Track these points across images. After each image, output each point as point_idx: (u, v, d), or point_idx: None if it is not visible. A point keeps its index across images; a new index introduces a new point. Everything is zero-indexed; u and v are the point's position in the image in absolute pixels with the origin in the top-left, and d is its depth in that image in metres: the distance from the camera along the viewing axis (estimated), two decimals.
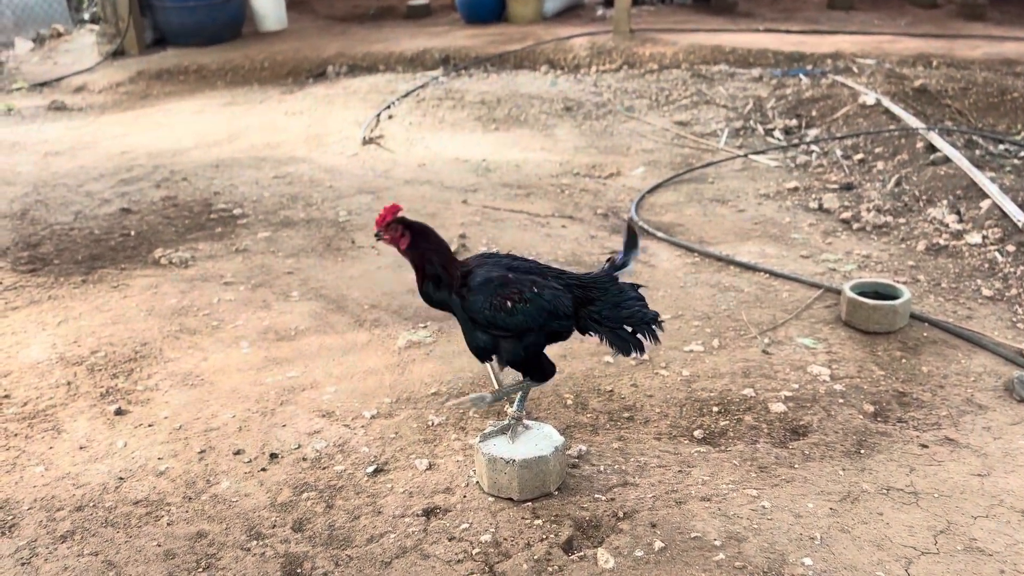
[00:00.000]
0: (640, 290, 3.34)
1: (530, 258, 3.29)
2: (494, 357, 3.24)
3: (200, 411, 3.91)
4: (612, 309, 3.19)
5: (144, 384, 4.14)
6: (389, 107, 9.02)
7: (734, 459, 3.50)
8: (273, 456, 3.58)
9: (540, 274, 3.16)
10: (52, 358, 4.35)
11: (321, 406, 3.94)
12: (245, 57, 11.29)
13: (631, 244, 3.30)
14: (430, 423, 3.78)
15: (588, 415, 3.82)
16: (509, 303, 3.03)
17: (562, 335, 3.23)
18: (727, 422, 3.76)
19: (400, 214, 3.14)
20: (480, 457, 3.31)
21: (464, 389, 4.02)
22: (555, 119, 8.64)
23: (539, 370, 3.27)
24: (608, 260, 3.33)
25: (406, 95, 9.40)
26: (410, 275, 3.33)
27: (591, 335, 3.26)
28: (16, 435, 3.75)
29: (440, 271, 3.11)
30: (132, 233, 5.99)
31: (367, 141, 8.02)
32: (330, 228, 6.08)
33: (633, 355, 3.24)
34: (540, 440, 3.34)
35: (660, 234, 5.84)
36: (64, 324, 4.70)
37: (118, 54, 11.72)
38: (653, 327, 3.26)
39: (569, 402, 3.92)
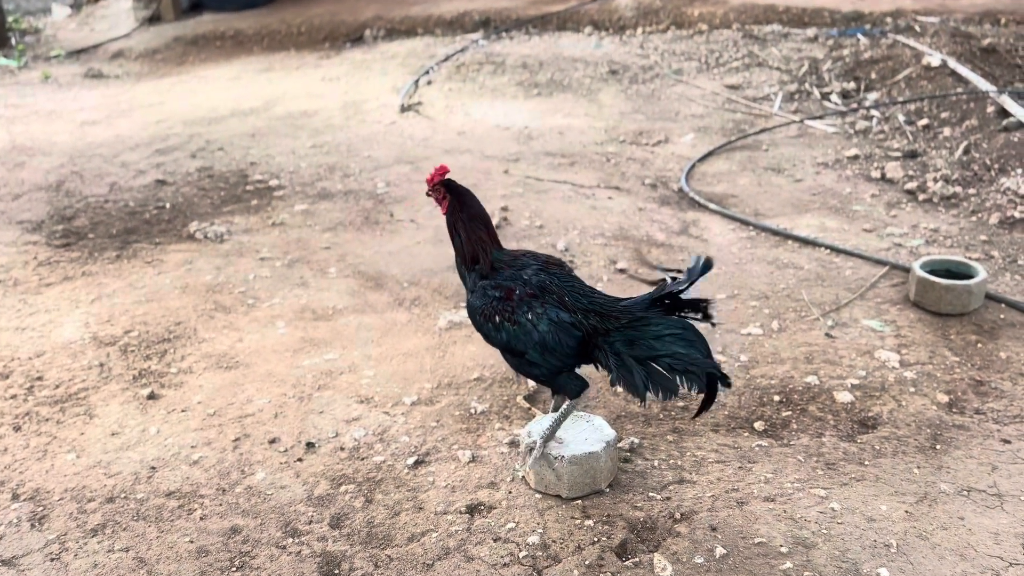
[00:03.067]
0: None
1: (570, 274, 3.00)
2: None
3: (235, 396, 3.77)
4: (628, 345, 2.78)
5: (177, 366, 4.00)
6: (428, 72, 8.76)
7: (798, 454, 3.26)
8: (310, 445, 3.42)
9: (560, 297, 2.88)
10: (85, 338, 4.24)
11: (360, 391, 3.78)
12: (282, 22, 11.07)
13: (700, 271, 2.76)
14: (472, 411, 3.59)
15: (640, 404, 3.59)
16: (497, 318, 2.89)
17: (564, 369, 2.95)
18: (789, 413, 3.52)
19: (448, 176, 3.03)
20: (525, 449, 3.11)
21: (509, 375, 3.81)
22: (600, 83, 8.31)
23: (560, 387, 3.01)
24: (659, 282, 2.88)
25: (445, 60, 9.12)
26: (451, 251, 3.18)
27: (599, 368, 2.92)
28: (48, 420, 3.64)
29: (464, 246, 2.98)
30: (167, 206, 5.85)
31: (405, 108, 7.79)
32: (368, 200, 5.88)
33: (648, 400, 2.81)
34: (590, 433, 3.13)
35: (712, 206, 5.55)
36: (97, 302, 4.59)
37: (154, 20, 11.59)
38: (695, 375, 2.72)
39: (619, 389, 3.70)
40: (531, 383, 3.71)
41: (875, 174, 5.95)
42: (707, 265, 2.74)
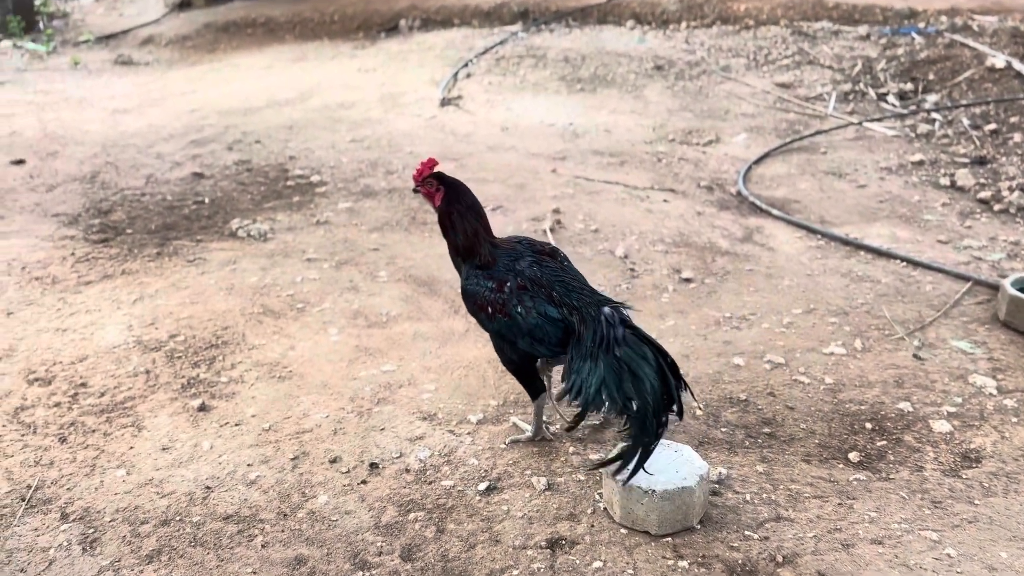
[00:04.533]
0: (758, 275, 2.81)
1: (563, 266, 3.04)
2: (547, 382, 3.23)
3: (290, 409, 3.57)
4: (580, 350, 2.83)
5: (228, 375, 3.80)
6: (467, 65, 8.53)
7: (900, 490, 3.03)
8: (373, 466, 3.21)
9: (549, 292, 2.93)
10: (129, 342, 4.04)
11: (421, 407, 3.57)
12: (314, 9, 10.85)
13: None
14: (547, 429, 3.37)
15: (722, 429, 3.37)
16: (490, 308, 2.98)
17: (549, 357, 3.07)
18: (884, 442, 3.29)
19: (438, 169, 3.07)
20: (611, 482, 2.90)
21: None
22: (645, 79, 8.06)
23: (525, 384, 3.17)
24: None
25: (484, 52, 8.89)
26: None
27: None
28: (94, 431, 3.45)
29: (460, 239, 3.01)
30: (206, 200, 5.65)
31: (445, 102, 7.56)
32: (414, 199, 5.67)
33: (563, 400, 2.96)
34: (681, 465, 2.91)
35: (776, 212, 5.31)
36: (140, 303, 4.39)
37: (184, 5, 11.38)
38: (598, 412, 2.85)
39: (699, 412, 3.48)
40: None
41: (944, 181, 5.69)
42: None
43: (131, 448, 3.35)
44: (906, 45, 8.20)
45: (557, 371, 3.32)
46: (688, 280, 4.55)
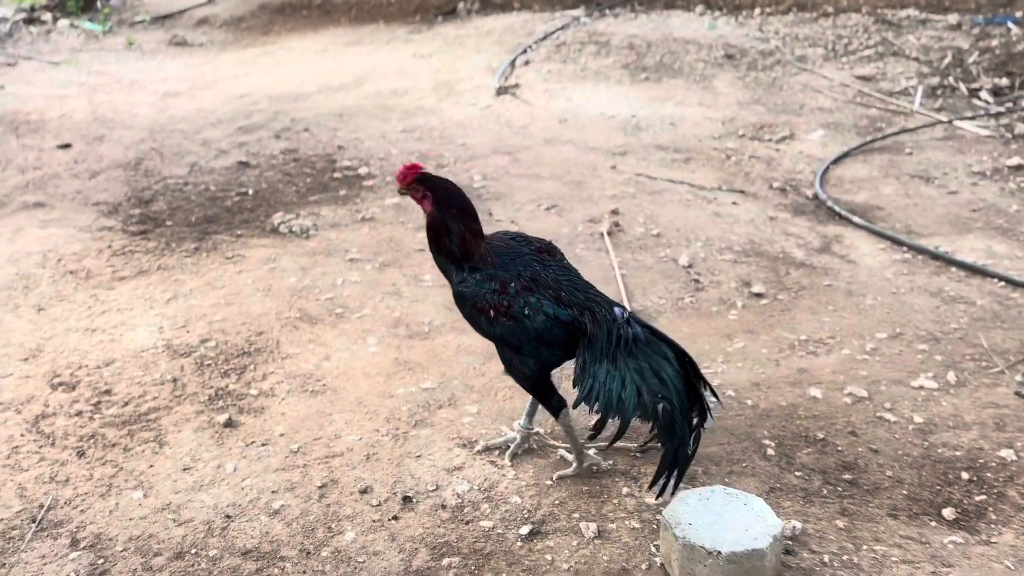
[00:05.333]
0: (837, 292, 2.60)
1: (562, 263, 2.89)
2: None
3: (322, 428, 3.30)
4: (593, 351, 2.68)
5: (258, 387, 3.56)
6: (525, 52, 8.17)
7: (1006, 557, 2.63)
8: (406, 500, 2.93)
9: (556, 291, 2.76)
10: (158, 345, 3.83)
11: (461, 432, 3.27)
12: None
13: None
14: (595, 467, 3.05)
15: (797, 473, 3.00)
16: (492, 312, 2.77)
17: (555, 364, 2.90)
18: (984, 497, 2.88)
19: (424, 170, 2.87)
20: (670, 537, 2.56)
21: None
22: (714, 69, 7.61)
23: (543, 400, 2.93)
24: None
25: (544, 38, 8.51)
26: None
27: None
28: (114, 445, 3.23)
29: (456, 246, 2.80)
30: (249, 192, 5.43)
31: (501, 91, 7.23)
32: None
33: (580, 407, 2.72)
34: (751, 522, 2.55)
35: (857, 219, 4.87)
36: (173, 302, 4.18)
37: None
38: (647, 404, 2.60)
39: (770, 452, 3.11)
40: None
41: None
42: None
43: (151, 467, 3.12)
44: (1001, 36, 7.58)
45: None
46: (759, 295, 4.16)
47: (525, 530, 2.77)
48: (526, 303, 2.72)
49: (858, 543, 2.69)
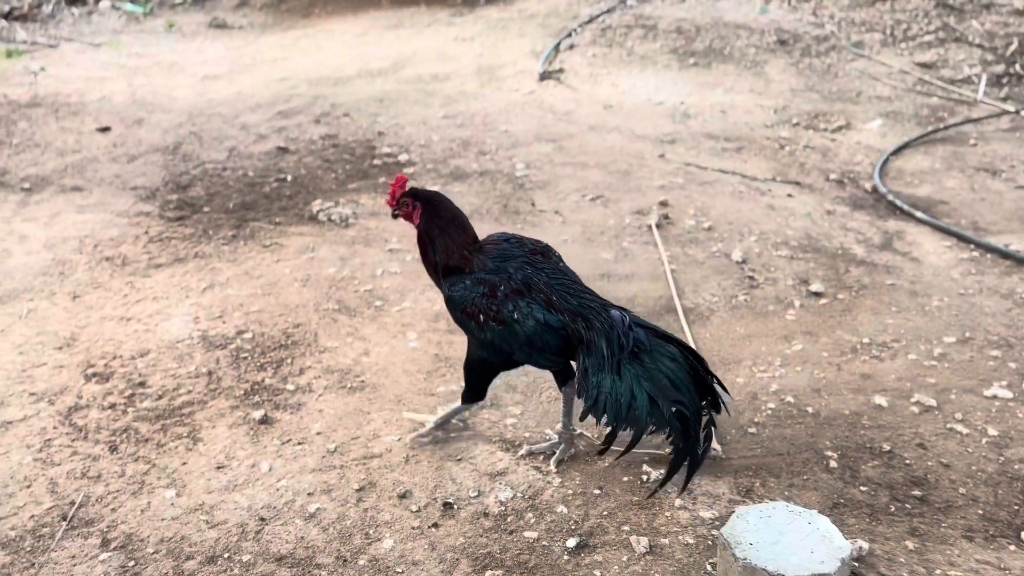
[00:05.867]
0: (901, 292, 2.59)
1: (557, 266, 2.78)
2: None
3: (359, 428, 3.18)
4: (595, 360, 2.58)
5: (295, 382, 3.44)
6: (570, 35, 7.96)
7: None
8: (447, 506, 2.79)
9: (548, 296, 2.66)
10: (194, 336, 3.73)
11: (504, 434, 3.13)
12: None
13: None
14: (645, 477, 2.89)
15: (862, 488, 2.81)
16: (482, 316, 2.69)
17: (551, 369, 2.86)
18: None
19: (411, 185, 2.82)
20: (729, 557, 2.39)
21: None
22: (766, 54, 7.34)
23: (472, 387, 2.94)
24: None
25: (589, 21, 8.29)
26: (604, 255, 3.17)
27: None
28: (147, 440, 3.14)
29: (440, 257, 2.77)
30: (288, 178, 5.32)
31: (545, 76, 7.04)
32: (507, 184, 5.20)
33: (585, 418, 2.63)
34: (816, 543, 2.38)
35: (920, 214, 4.62)
36: (209, 291, 4.08)
37: None
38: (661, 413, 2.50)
39: (833, 464, 2.92)
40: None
41: None
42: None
43: (184, 464, 3.02)
44: None
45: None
46: (818, 294, 3.95)
47: (572, 543, 2.62)
48: (515, 307, 2.64)
49: (930, 567, 2.51)
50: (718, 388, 2.59)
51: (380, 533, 2.70)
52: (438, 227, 2.76)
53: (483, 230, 4.61)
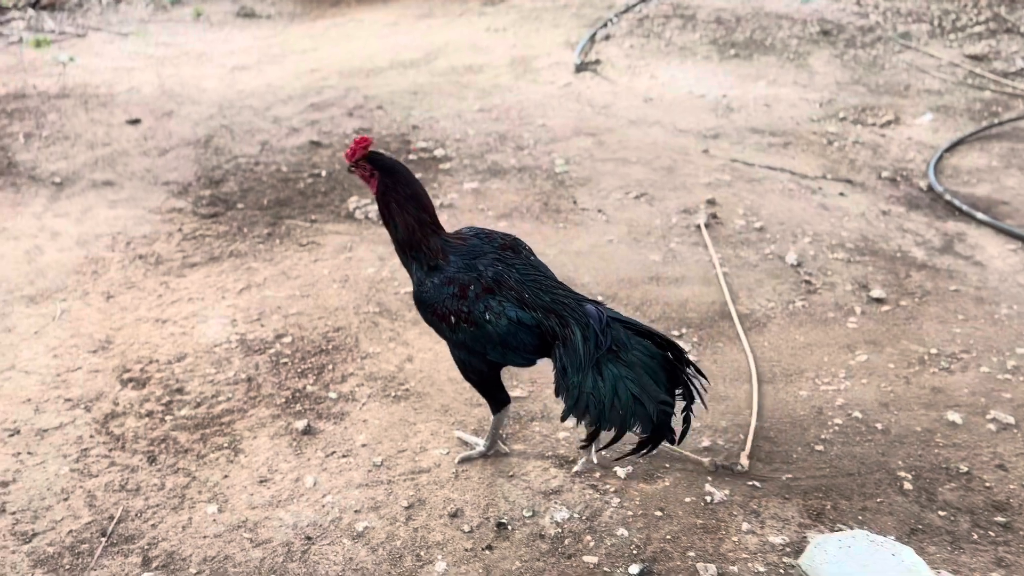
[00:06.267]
0: (966, 298, 2.47)
1: (529, 260, 2.67)
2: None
3: (406, 439, 3.05)
4: (574, 359, 2.48)
5: (337, 390, 3.32)
6: (605, 25, 7.77)
7: None
8: (500, 526, 2.66)
9: (519, 293, 2.56)
10: (232, 340, 3.62)
11: (557, 449, 2.99)
12: None
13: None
14: (709, 498, 2.74)
15: (940, 513, 2.66)
16: (453, 318, 2.59)
17: (525, 366, 2.74)
18: None
19: (372, 148, 2.67)
20: None
21: (743, 439, 2.93)
22: (809, 45, 7.12)
23: (489, 396, 2.81)
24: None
25: (626, 11, 8.09)
26: (652, 256, 3.13)
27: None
28: (187, 451, 3.03)
29: (400, 232, 2.64)
30: (322, 174, 5.19)
31: (581, 67, 6.86)
32: (546, 181, 5.05)
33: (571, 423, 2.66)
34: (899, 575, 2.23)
35: (981, 215, 4.43)
36: (246, 292, 3.96)
37: None
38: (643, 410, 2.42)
39: (907, 486, 2.76)
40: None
41: None
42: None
43: (225, 477, 2.91)
44: None
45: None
46: (879, 300, 3.78)
47: (635, 569, 2.48)
48: (487, 307, 2.55)
49: None
50: (696, 382, 2.49)
51: (432, 555, 2.57)
52: (395, 201, 2.62)
53: (524, 231, 4.48)
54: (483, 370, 2.74)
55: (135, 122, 6.09)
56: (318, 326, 3.70)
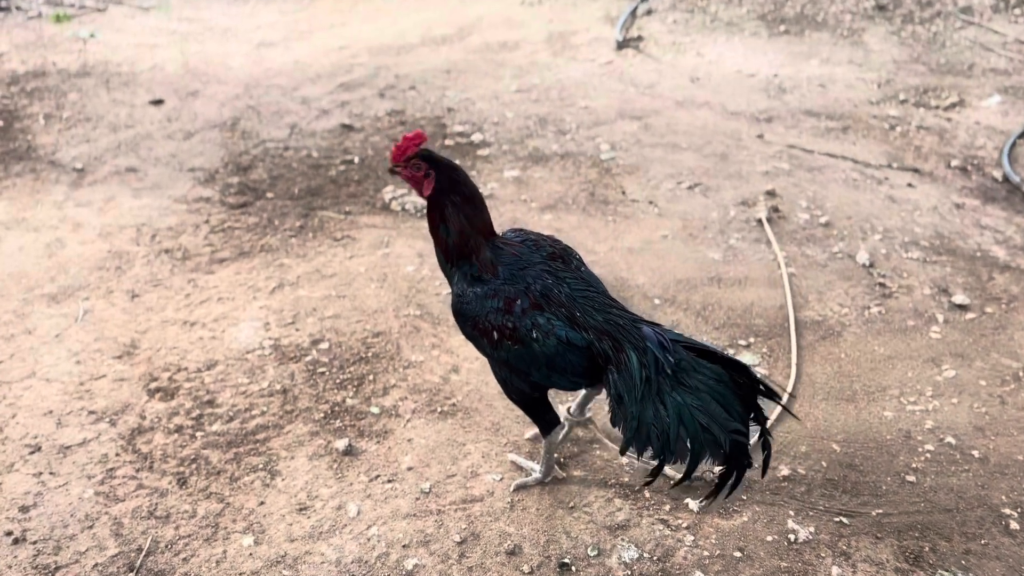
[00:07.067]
0: None
1: (580, 273, 2.42)
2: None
3: (455, 462, 2.81)
4: (630, 386, 2.24)
5: (379, 403, 3.08)
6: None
7: None
8: (564, 567, 2.42)
9: (570, 311, 2.32)
10: (265, 346, 3.38)
11: (621, 477, 2.74)
12: None
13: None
14: (792, 536, 2.49)
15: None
16: (496, 334, 2.35)
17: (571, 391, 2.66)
18: None
19: (425, 145, 2.38)
20: None
21: (832, 474, 2.67)
22: (863, 21, 6.74)
23: (536, 418, 2.57)
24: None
25: None
26: (710, 254, 2.93)
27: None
28: (219, 473, 2.81)
29: (452, 239, 2.37)
30: (355, 160, 4.92)
31: (622, 44, 6.52)
32: (591, 168, 4.76)
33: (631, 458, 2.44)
34: None
35: None
36: (279, 292, 3.72)
37: None
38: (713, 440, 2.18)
39: (1013, 525, 2.50)
40: None
41: None
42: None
43: (261, 504, 2.68)
44: None
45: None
46: (962, 307, 3.48)
47: None
48: (534, 324, 2.31)
49: None
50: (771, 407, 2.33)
51: None
52: (452, 204, 2.36)
53: (571, 225, 4.21)
54: (526, 391, 2.50)
55: (159, 102, 5.84)
56: (356, 331, 3.46)
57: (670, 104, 5.57)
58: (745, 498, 2.62)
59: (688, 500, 2.62)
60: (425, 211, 2.60)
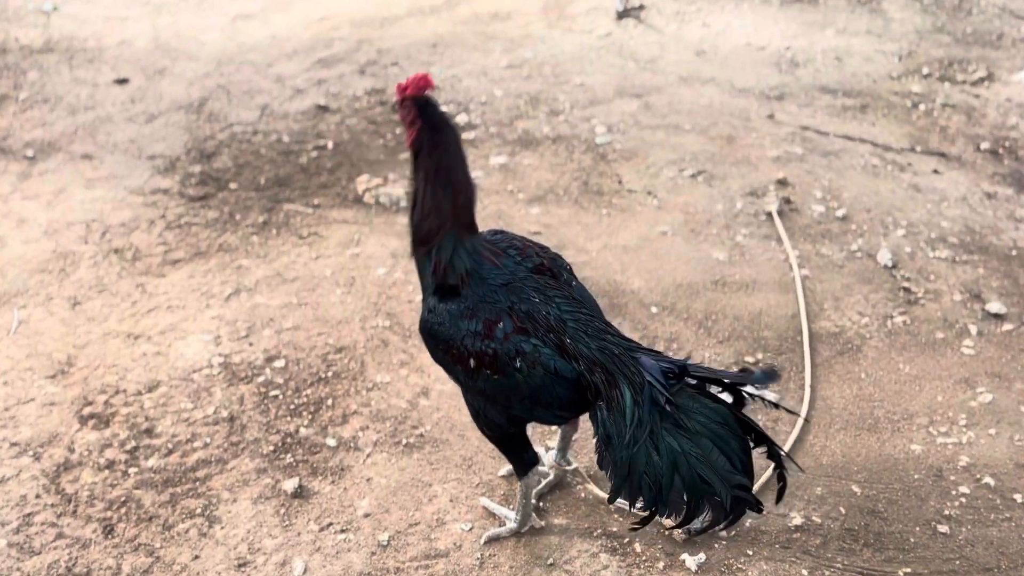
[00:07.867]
0: None
1: (571, 291, 2.09)
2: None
3: (419, 507, 2.46)
4: (620, 428, 1.94)
5: (336, 434, 2.72)
6: None
7: None
8: None
9: (560, 337, 2.00)
10: (214, 364, 3.02)
11: (608, 524, 2.39)
12: None
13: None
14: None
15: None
16: (473, 362, 2.03)
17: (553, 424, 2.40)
18: None
19: (429, 92, 2.02)
20: None
21: (858, 502, 2.31)
22: None
23: (511, 455, 2.26)
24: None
25: None
26: (715, 253, 2.81)
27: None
28: (151, 518, 2.46)
29: (418, 216, 2.03)
30: (328, 145, 4.53)
31: (623, 14, 6.08)
32: (585, 154, 4.35)
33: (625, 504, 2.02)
34: None
35: None
36: (235, 299, 3.36)
37: None
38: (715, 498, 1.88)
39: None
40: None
41: None
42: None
43: (196, 558, 2.34)
44: None
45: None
46: (998, 317, 3.09)
47: None
48: (518, 352, 1.99)
49: None
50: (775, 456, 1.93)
51: None
52: (427, 170, 2.00)
53: (561, 219, 3.81)
54: (503, 424, 2.15)
55: (123, 82, 5.43)
56: (317, 345, 3.09)
57: (673, 80, 5.15)
58: (751, 553, 2.27)
59: (685, 556, 2.27)
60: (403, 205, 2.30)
